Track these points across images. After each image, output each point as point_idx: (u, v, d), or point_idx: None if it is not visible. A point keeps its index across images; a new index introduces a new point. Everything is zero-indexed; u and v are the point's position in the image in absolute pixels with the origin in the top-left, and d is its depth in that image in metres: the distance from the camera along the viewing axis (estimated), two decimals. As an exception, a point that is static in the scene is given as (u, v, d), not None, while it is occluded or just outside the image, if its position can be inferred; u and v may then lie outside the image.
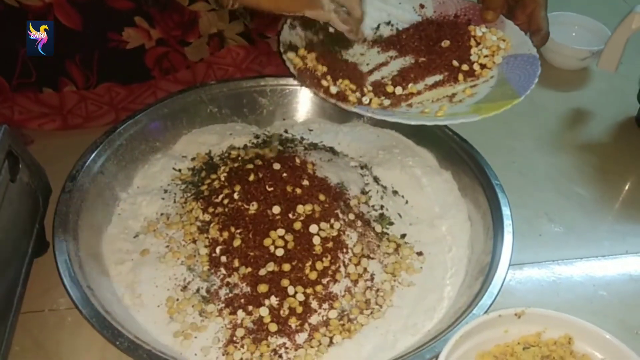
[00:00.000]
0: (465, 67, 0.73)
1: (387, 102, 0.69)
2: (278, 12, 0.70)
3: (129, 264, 0.64)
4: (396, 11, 0.79)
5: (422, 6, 0.80)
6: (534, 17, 0.77)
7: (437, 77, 0.73)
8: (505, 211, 0.67)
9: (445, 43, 0.75)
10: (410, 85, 0.72)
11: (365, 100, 0.69)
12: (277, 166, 0.68)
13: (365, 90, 0.70)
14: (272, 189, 0.66)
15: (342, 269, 0.64)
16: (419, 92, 0.71)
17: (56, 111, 0.82)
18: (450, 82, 0.72)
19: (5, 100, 0.80)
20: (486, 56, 0.74)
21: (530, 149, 0.88)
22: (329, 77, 0.69)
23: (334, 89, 0.68)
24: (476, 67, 0.74)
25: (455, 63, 0.73)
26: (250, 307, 0.61)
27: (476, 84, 0.72)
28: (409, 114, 0.69)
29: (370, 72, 0.74)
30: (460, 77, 0.72)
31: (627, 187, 0.84)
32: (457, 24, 0.78)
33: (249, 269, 0.62)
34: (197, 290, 0.62)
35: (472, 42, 0.75)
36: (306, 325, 0.60)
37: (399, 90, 0.71)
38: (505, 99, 0.68)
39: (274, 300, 0.61)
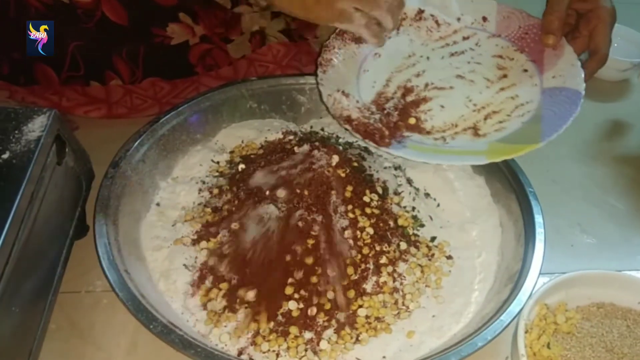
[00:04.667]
0: None
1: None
2: (309, 21, 0.72)
3: (165, 251, 0.66)
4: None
5: (484, 19, 0.77)
6: (595, 35, 0.73)
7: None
8: (538, 219, 0.66)
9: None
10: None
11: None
12: (311, 164, 0.69)
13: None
14: (305, 186, 0.67)
15: (371, 268, 0.64)
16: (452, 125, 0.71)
17: (102, 101, 0.84)
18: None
19: (54, 93, 0.82)
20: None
21: (564, 158, 0.88)
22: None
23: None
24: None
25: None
26: (280, 301, 0.61)
27: (509, 117, 0.70)
28: (422, 146, 0.68)
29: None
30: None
31: (662, 202, 0.83)
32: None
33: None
34: (229, 281, 0.63)
35: None
36: (333, 322, 0.61)
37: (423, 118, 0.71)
38: (525, 142, 0.65)
39: (303, 295, 0.61)
